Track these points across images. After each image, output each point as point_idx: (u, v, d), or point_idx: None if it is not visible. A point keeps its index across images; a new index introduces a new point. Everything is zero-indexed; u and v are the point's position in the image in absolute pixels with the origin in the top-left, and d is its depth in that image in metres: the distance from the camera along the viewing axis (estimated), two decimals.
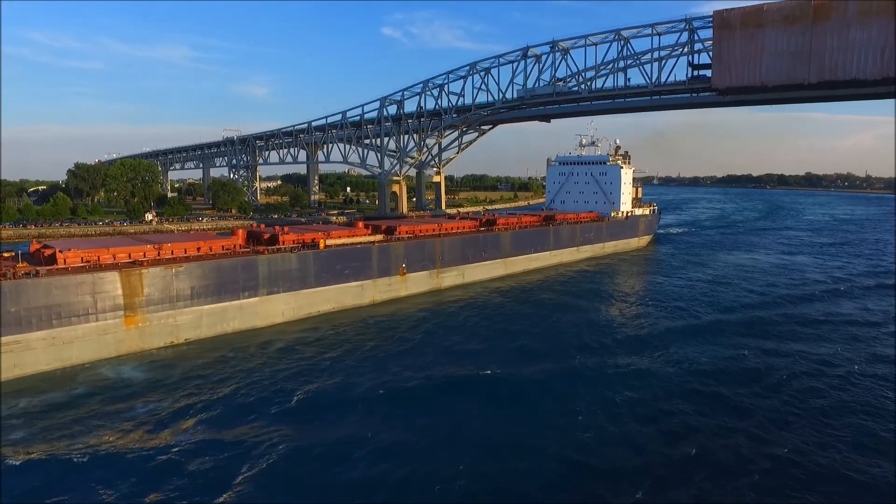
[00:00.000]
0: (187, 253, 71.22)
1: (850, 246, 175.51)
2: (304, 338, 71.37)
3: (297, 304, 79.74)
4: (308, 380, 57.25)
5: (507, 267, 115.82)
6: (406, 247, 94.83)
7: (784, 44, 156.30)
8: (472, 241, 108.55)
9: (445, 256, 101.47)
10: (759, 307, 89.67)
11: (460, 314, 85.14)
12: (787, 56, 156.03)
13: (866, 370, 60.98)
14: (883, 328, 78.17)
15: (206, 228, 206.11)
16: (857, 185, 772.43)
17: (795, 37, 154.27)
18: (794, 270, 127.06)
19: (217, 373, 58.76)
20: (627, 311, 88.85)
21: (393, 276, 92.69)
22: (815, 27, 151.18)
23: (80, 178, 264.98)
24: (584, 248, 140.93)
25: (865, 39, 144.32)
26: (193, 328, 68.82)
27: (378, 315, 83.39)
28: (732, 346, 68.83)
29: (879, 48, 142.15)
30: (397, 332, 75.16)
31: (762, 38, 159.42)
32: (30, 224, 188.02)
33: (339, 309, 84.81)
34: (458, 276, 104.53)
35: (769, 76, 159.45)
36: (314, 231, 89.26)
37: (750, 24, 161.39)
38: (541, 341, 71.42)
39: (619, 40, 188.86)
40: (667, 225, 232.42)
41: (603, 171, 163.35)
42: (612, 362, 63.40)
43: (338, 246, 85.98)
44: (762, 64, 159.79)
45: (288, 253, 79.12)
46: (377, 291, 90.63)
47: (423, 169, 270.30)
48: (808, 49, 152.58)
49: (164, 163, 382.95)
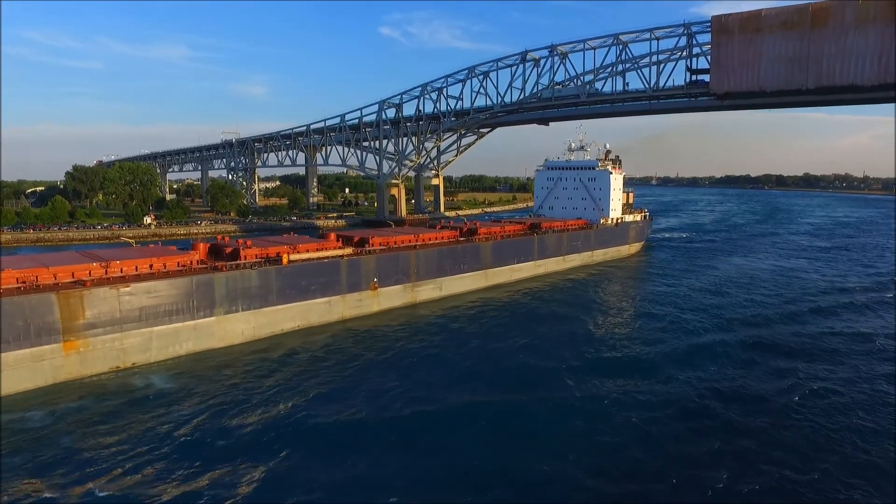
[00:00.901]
0: (138, 271, 65.67)
1: (849, 251, 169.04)
2: (259, 361, 65.59)
3: (259, 324, 73.84)
4: (252, 412, 51.39)
5: (489, 279, 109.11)
6: (378, 260, 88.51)
7: (782, 49, 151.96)
8: (451, 253, 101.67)
9: (421, 269, 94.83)
10: (752, 324, 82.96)
11: (434, 330, 79.33)
12: (785, 61, 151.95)
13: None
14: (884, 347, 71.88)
15: (204, 232, 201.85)
16: (854, 185, 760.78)
17: (793, 42, 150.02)
18: (793, 279, 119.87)
19: (148, 408, 52.66)
20: (610, 329, 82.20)
21: (364, 290, 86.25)
22: (812, 33, 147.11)
23: (78, 180, 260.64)
24: (572, 257, 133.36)
25: (863, 45, 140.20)
26: (142, 351, 63.17)
27: (346, 333, 77.39)
28: (719, 377, 62.22)
29: (877, 54, 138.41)
30: (364, 352, 69.25)
31: (760, 44, 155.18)
32: (28, 228, 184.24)
33: (305, 327, 78.73)
34: (436, 289, 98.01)
35: (767, 81, 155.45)
36: (279, 244, 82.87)
37: (748, 29, 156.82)
38: (520, 363, 66.20)
39: (617, 44, 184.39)
40: (663, 229, 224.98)
41: (592, 177, 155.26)
42: (600, 389, 57.69)
43: (303, 261, 79.65)
44: (760, 69, 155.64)
45: (248, 269, 73.09)
46: (346, 308, 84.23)
47: (422, 172, 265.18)
48: (806, 55, 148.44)
49: (163, 165, 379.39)
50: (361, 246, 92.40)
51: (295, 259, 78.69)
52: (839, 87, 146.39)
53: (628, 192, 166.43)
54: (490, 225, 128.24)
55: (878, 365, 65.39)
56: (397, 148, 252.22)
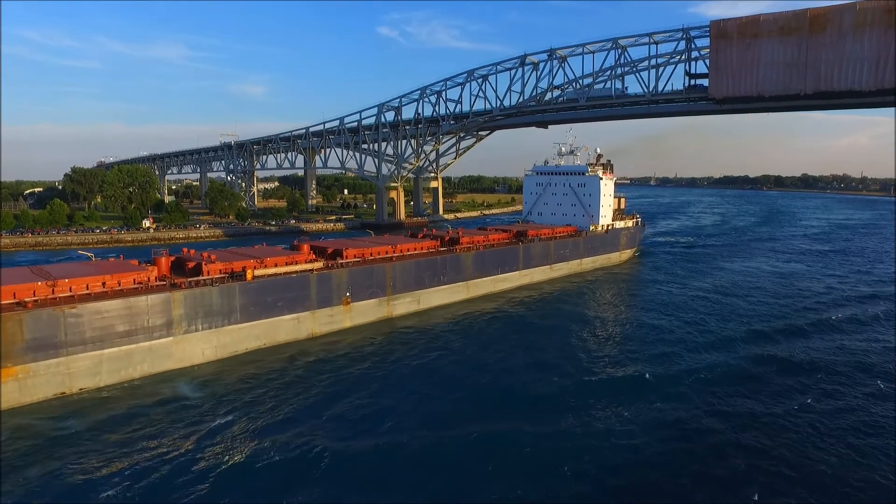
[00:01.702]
0: (89, 289, 60.28)
1: (850, 256, 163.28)
2: (215, 384, 60.07)
3: (220, 343, 68.33)
4: (207, 444, 46.16)
5: (470, 290, 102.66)
6: (351, 273, 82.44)
7: (780, 54, 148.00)
8: (430, 264, 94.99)
9: (398, 282, 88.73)
10: (746, 339, 76.61)
11: (406, 348, 73.49)
12: (783, 67, 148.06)
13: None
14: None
15: (202, 236, 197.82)
16: (852, 186, 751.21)
17: (791, 48, 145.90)
18: (793, 288, 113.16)
19: (79, 436, 47.39)
20: (593, 344, 76.23)
21: (335, 306, 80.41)
22: (810, 38, 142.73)
23: (76, 182, 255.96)
24: (559, 265, 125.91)
25: (860, 51, 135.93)
26: (91, 376, 57.93)
27: (314, 351, 71.88)
28: (703, 405, 55.96)
29: (874, 59, 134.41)
30: (329, 372, 63.85)
31: (759, 49, 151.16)
32: (26, 232, 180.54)
33: (272, 345, 73.15)
34: (413, 302, 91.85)
35: (766, 86, 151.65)
36: (247, 258, 77.01)
37: (746, 34, 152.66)
38: (495, 384, 61.05)
39: (616, 48, 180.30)
40: (661, 233, 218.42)
41: (581, 183, 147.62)
42: (590, 414, 52.70)
43: (269, 276, 73.76)
44: (759, 74, 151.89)
45: (209, 287, 67.73)
46: (316, 324, 78.47)
47: (421, 175, 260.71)
48: (804, 60, 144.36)
49: (162, 166, 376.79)
50: (335, 258, 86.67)
51: (260, 274, 73.14)
52: (837, 92, 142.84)
53: (620, 196, 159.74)
54: (474, 233, 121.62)
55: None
56: (396, 151, 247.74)
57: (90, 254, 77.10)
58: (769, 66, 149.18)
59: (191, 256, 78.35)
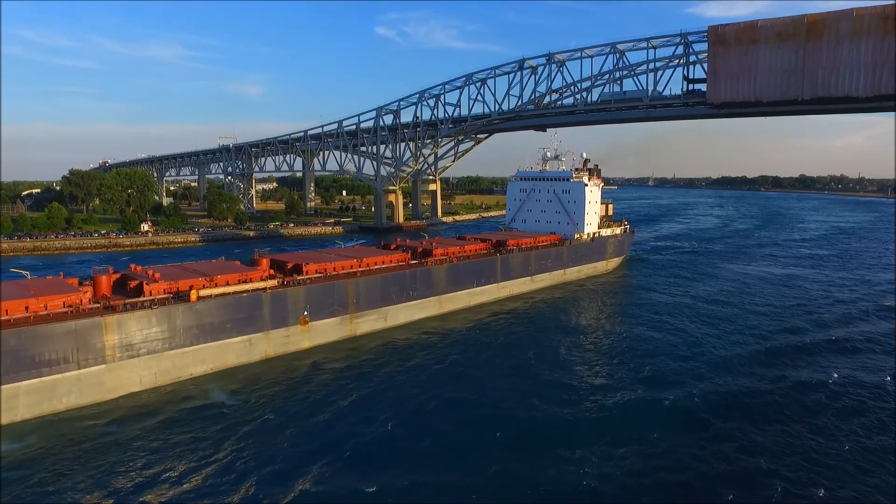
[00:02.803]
0: (9, 315, 55.68)
1: (850, 260, 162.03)
2: (142, 415, 55.48)
3: (162, 369, 63.28)
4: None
5: (443, 305, 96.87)
6: (309, 291, 77.12)
7: (778, 60, 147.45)
8: (398, 279, 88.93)
9: (361, 298, 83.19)
10: (725, 367, 70.12)
11: (366, 370, 69.19)
12: (780, 73, 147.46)
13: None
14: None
15: (201, 241, 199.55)
16: (850, 187, 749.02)
17: (789, 54, 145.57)
18: (787, 299, 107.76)
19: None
20: (568, 368, 70.31)
21: (292, 326, 75.24)
22: (807, 45, 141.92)
23: (74, 184, 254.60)
24: (541, 276, 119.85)
25: (857, 57, 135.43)
26: (7, 410, 53.62)
27: (265, 376, 66.83)
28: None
29: (871, 66, 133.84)
30: (275, 402, 59.01)
31: (756, 55, 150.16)
32: (25, 236, 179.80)
33: (221, 369, 67.95)
34: (379, 320, 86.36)
35: (763, 92, 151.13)
36: (196, 275, 71.77)
37: (744, 40, 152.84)
38: (457, 413, 56.78)
39: (614, 53, 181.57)
40: (654, 238, 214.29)
41: (566, 189, 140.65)
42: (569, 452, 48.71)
43: (216, 296, 68.60)
44: (756, 80, 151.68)
45: (147, 309, 62.67)
46: (271, 346, 73.33)
47: (419, 177, 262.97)
48: (802, 66, 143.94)
49: (160, 168, 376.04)
50: (295, 273, 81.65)
51: (206, 294, 67.87)
52: (834, 97, 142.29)
53: (607, 202, 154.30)
54: (450, 243, 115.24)
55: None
56: (394, 154, 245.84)
57: (25, 272, 72.76)
58: (767, 71, 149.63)
59: (136, 274, 73.67)
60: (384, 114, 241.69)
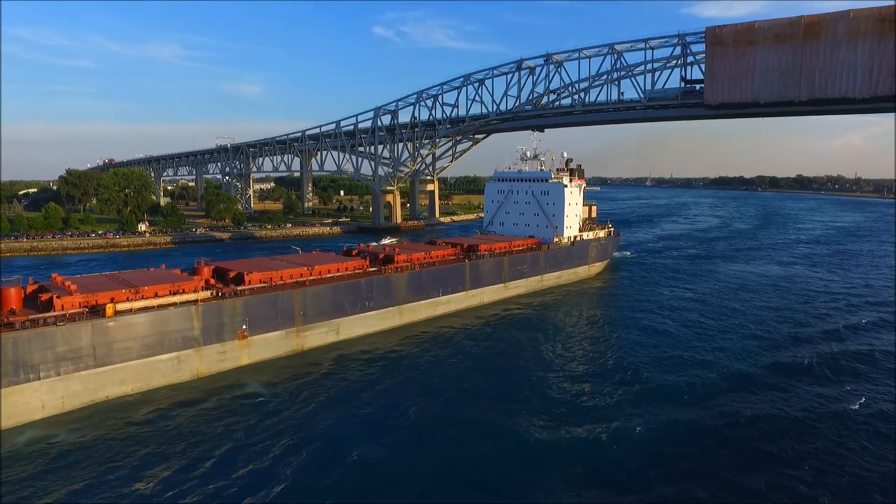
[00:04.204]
0: None
1: (851, 260, 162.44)
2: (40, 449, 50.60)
3: (70, 392, 57.96)
4: None
5: (404, 316, 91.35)
6: (248, 303, 71.83)
7: (775, 62, 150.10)
8: (351, 288, 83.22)
9: (309, 310, 78.19)
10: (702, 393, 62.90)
11: (309, 390, 63.70)
12: (778, 74, 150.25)
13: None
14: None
15: (199, 241, 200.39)
16: (847, 187, 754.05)
17: (786, 55, 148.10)
18: (784, 311, 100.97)
19: None
20: (535, 392, 63.51)
21: (228, 341, 70.03)
22: (805, 46, 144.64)
23: (71, 184, 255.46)
24: (516, 283, 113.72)
25: (854, 59, 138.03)
26: None
27: (190, 398, 61.46)
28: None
29: (868, 67, 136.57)
30: (194, 427, 54.49)
31: (754, 56, 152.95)
32: (22, 237, 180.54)
33: (144, 390, 62.78)
34: (331, 332, 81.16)
35: (761, 93, 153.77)
36: (122, 286, 66.64)
37: (742, 41, 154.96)
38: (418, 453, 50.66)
39: (612, 54, 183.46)
40: (646, 240, 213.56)
41: (544, 190, 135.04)
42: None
43: (137, 310, 62.76)
44: (754, 81, 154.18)
45: (52, 326, 57.38)
46: (203, 363, 67.89)
47: (417, 177, 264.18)
48: (799, 67, 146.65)
49: (157, 168, 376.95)
50: (236, 283, 76.90)
51: (126, 309, 62.24)
52: (831, 99, 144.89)
53: (590, 204, 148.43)
54: (416, 248, 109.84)
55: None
56: (392, 154, 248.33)
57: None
58: (764, 73, 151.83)
59: (53, 286, 68.82)
60: (382, 114, 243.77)
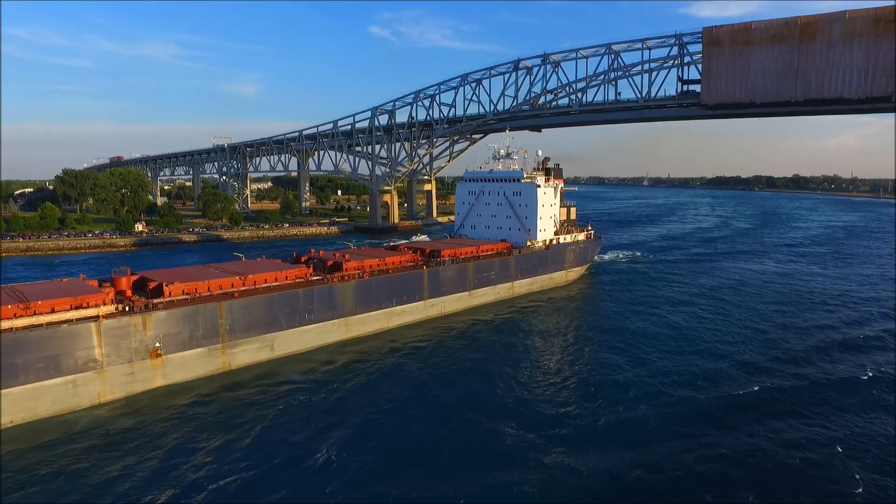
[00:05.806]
0: None
1: (851, 260, 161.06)
2: None
3: None
4: None
5: (351, 329, 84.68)
6: (162, 318, 65.88)
7: (771, 62, 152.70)
8: (287, 299, 76.88)
9: (237, 324, 71.59)
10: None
11: (239, 416, 57.69)
12: (774, 74, 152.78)
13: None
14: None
15: (197, 240, 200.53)
16: (843, 187, 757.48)
17: (782, 55, 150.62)
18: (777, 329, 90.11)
19: None
20: (501, 419, 56.69)
21: (138, 360, 63.72)
22: (801, 46, 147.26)
23: (67, 184, 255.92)
24: (482, 291, 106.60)
25: (850, 59, 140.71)
26: None
27: (89, 429, 54.94)
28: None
29: (863, 68, 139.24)
30: (86, 464, 48.37)
31: (750, 56, 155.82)
32: (17, 237, 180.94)
33: (30, 420, 56.31)
34: (264, 349, 74.66)
35: (757, 93, 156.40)
36: (14, 300, 60.33)
37: (738, 41, 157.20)
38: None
39: (609, 54, 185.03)
40: (657, 238, 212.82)
41: (516, 191, 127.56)
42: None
43: (21, 328, 55.95)
44: (750, 81, 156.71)
45: None
46: (108, 387, 61.42)
47: (415, 177, 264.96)
48: (795, 68, 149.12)
49: (154, 168, 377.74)
50: (155, 295, 70.62)
51: (7, 328, 55.39)
52: (827, 99, 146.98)
53: (569, 206, 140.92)
54: (369, 255, 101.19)
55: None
56: (390, 154, 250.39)
57: None
58: (761, 73, 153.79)
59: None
60: (379, 114, 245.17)
